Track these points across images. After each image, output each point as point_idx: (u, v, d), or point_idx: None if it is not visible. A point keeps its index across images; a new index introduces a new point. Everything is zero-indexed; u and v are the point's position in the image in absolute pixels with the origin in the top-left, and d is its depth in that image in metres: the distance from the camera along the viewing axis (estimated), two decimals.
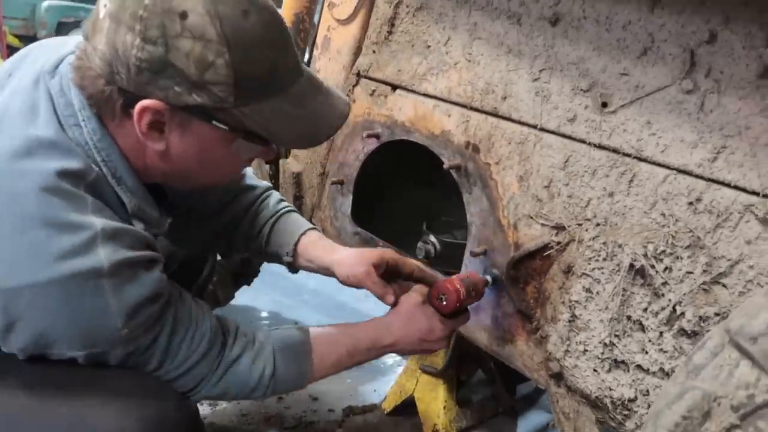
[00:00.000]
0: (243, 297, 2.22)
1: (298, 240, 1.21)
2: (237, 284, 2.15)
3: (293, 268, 1.25)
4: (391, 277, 1.17)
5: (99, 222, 0.82)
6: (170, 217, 1.02)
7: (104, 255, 0.81)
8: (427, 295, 1.12)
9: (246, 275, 2.14)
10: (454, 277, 1.13)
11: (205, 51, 0.79)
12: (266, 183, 1.31)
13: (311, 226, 1.25)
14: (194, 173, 0.94)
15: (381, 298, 1.13)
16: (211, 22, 0.79)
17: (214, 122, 0.85)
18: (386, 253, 1.16)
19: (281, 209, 1.26)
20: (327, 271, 1.20)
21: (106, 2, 0.81)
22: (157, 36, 0.78)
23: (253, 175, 1.31)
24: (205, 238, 1.26)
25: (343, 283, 1.16)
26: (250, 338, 1.01)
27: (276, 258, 1.25)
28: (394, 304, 1.12)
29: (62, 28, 10.89)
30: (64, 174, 0.82)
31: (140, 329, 0.86)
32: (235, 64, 0.80)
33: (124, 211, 0.90)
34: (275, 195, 1.29)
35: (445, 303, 1.09)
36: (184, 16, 0.78)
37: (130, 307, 0.83)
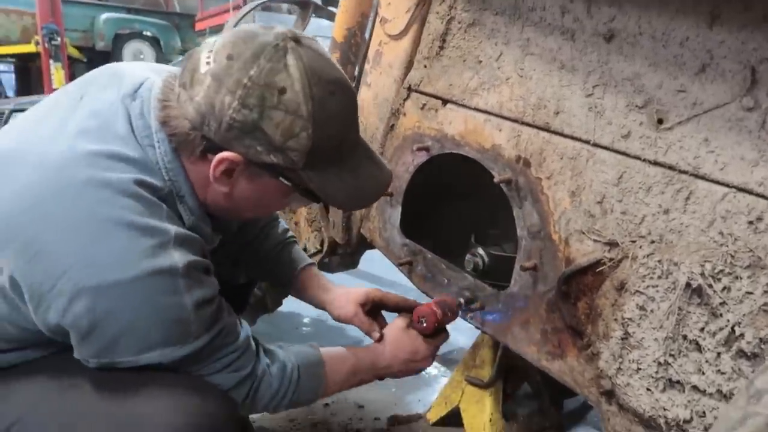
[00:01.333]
0: (288, 304, 2.27)
1: (298, 274, 1.39)
2: (285, 292, 2.20)
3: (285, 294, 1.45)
4: (377, 311, 1.37)
5: (172, 228, 0.91)
6: (220, 235, 1.12)
7: (178, 257, 0.90)
8: (410, 320, 1.27)
9: None
10: (431, 301, 1.29)
11: (293, 124, 0.90)
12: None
13: (310, 261, 1.43)
14: (246, 211, 1.07)
15: (367, 333, 1.31)
16: (305, 101, 0.89)
17: (281, 179, 0.96)
18: (371, 291, 1.35)
19: (285, 239, 1.42)
20: (320, 307, 1.39)
21: (210, 60, 0.90)
22: (254, 104, 0.88)
23: None
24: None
25: (336, 320, 1.36)
26: (276, 354, 1.12)
27: (275, 283, 1.48)
28: (380, 338, 1.28)
29: (119, 39, 11.39)
30: (142, 183, 0.91)
31: (203, 326, 0.94)
32: (315, 137, 0.91)
33: (183, 225, 0.98)
34: (282, 224, 1.44)
35: (425, 324, 1.25)
36: (282, 91, 0.88)
37: (199, 304, 0.92)
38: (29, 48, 8.80)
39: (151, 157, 0.94)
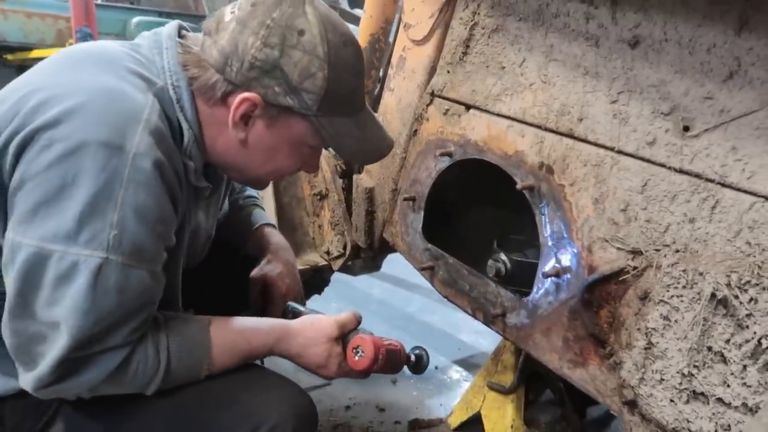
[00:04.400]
0: (312, 305, 2.29)
1: (253, 233, 1.40)
2: (308, 293, 2.22)
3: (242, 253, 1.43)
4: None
5: (148, 111, 0.93)
6: (209, 185, 1.09)
7: (140, 142, 0.89)
8: (345, 338, 1.11)
9: (317, 284, 2.21)
10: (384, 341, 1.11)
11: (310, 63, 0.97)
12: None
13: (268, 221, 1.44)
14: (254, 166, 1.08)
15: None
16: (321, 43, 0.97)
17: (296, 126, 1.02)
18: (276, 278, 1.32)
19: (248, 203, 1.46)
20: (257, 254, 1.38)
21: (235, 10, 0.99)
22: (276, 43, 0.96)
23: None
24: None
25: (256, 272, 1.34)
26: (151, 332, 0.98)
27: (239, 243, 1.44)
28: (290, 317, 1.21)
29: None
30: (132, 72, 0.96)
31: (127, 241, 0.87)
32: (329, 80, 0.99)
33: (180, 144, 0.99)
34: (248, 190, 1.49)
35: (357, 359, 1.08)
36: (302, 33, 0.97)
37: (134, 209, 0.87)
38: None
39: (158, 61, 1.00)
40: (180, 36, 1.06)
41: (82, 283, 0.85)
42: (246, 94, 0.97)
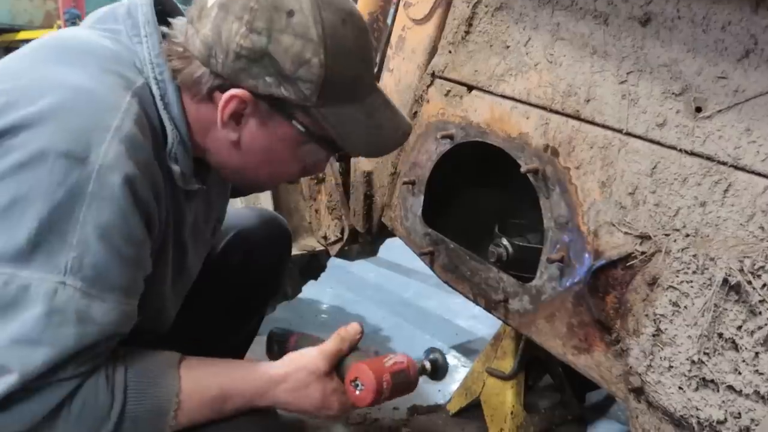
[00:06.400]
0: (308, 290, 2.27)
1: None
2: (304, 278, 2.20)
3: None
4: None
5: (122, 119, 0.81)
6: (200, 185, 0.98)
7: (107, 153, 0.77)
8: (341, 365, 0.96)
9: (313, 270, 2.19)
10: (387, 361, 0.95)
11: (303, 49, 0.85)
12: None
13: None
14: (251, 169, 0.97)
15: None
16: (314, 24, 0.84)
17: (293, 121, 0.90)
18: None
19: None
20: None
21: None
22: (262, 27, 0.84)
23: None
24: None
25: None
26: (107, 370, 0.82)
27: None
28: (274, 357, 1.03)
29: None
30: (109, 71, 0.85)
31: (88, 265, 0.76)
32: (327, 65, 0.86)
33: (163, 147, 0.89)
34: None
35: (358, 393, 0.92)
36: (291, 14, 0.84)
37: (96, 227, 0.76)
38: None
39: (139, 51, 0.89)
40: (164, 20, 0.95)
41: (35, 312, 0.73)
42: (233, 91, 0.86)
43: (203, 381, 0.89)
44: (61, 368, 0.76)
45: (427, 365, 1.06)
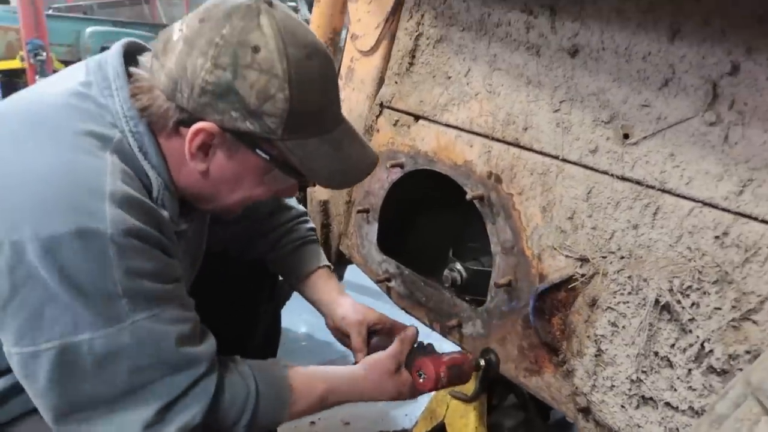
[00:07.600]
0: (283, 321, 2.24)
1: (312, 272, 1.33)
2: (291, 287, 2.16)
3: (293, 289, 1.39)
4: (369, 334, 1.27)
5: (110, 183, 0.84)
6: (188, 222, 1.03)
7: (111, 218, 0.81)
8: (406, 361, 1.16)
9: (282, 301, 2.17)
10: (444, 356, 1.15)
11: (269, 84, 0.86)
12: (303, 208, 1.43)
13: (327, 263, 1.36)
14: (221, 196, 1.00)
15: (354, 352, 1.24)
16: (280, 60, 0.86)
17: (258, 151, 0.92)
18: (383, 316, 1.28)
19: (309, 237, 1.38)
20: (321, 308, 1.32)
21: (183, 27, 0.89)
22: (227, 63, 0.85)
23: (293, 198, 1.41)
24: (224, 237, 1.30)
25: (331, 323, 1.29)
26: (236, 370, 0.99)
27: (284, 276, 1.39)
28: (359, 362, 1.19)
29: None
30: (87, 133, 0.87)
31: (138, 302, 0.84)
32: (292, 100, 0.87)
33: (147, 187, 0.92)
34: (310, 223, 1.41)
35: (422, 381, 1.14)
36: (256, 50, 0.85)
37: (131, 273, 0.83)
38: (15, 64, 8.72)
39: (111, 106, 0.91)
40: (132, 59, 0.96)
41: (129, 351, 0.84)
42: (201, 124, 0.87)
43: (307, 390, 1.05)
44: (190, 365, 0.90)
45: (482, 362, 1.20)
